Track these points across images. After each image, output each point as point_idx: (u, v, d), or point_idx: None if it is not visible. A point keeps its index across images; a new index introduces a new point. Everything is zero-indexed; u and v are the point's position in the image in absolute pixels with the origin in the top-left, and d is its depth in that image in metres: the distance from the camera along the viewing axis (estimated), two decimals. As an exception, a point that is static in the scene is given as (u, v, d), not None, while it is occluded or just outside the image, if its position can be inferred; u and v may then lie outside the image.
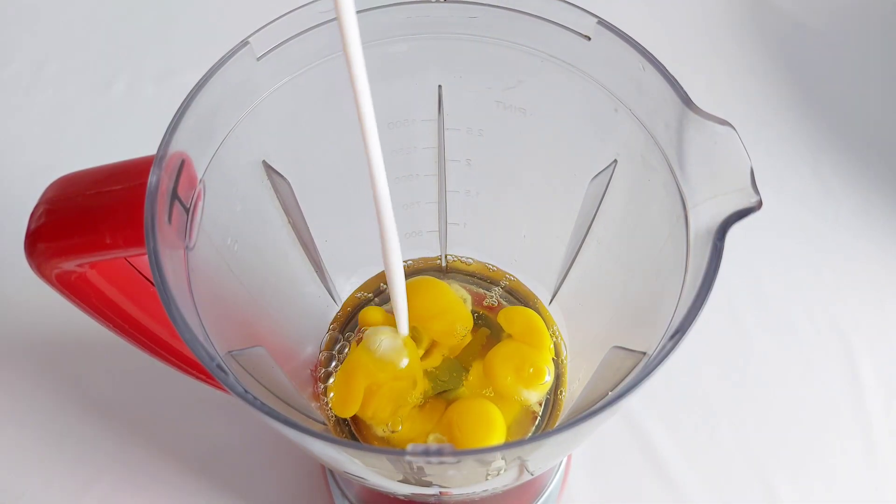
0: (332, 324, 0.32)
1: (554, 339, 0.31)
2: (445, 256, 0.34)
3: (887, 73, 0.53)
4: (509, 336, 0.31)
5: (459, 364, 0.30)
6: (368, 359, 0.28)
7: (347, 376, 0.29)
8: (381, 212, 0.23)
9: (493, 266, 0.34)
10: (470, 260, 0.34)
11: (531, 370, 0.29)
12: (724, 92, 0.52)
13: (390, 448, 0.27)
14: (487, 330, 0.31)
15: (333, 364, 0.30)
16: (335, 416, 0.29)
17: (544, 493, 0.35)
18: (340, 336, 0.32)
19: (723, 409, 0.41)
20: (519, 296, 0.33)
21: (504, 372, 0.29)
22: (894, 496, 0.38)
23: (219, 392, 0.33)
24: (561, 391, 0.30)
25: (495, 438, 0.28)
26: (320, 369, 0.31)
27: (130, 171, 0.23)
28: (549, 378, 0.29)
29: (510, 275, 0.33)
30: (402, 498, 0.27)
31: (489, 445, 0.27)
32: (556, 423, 0.29)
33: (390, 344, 0.28)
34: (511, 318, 0.31)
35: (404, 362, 0.28)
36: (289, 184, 0.28)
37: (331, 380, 0.30)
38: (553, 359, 0.30)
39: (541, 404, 0.30)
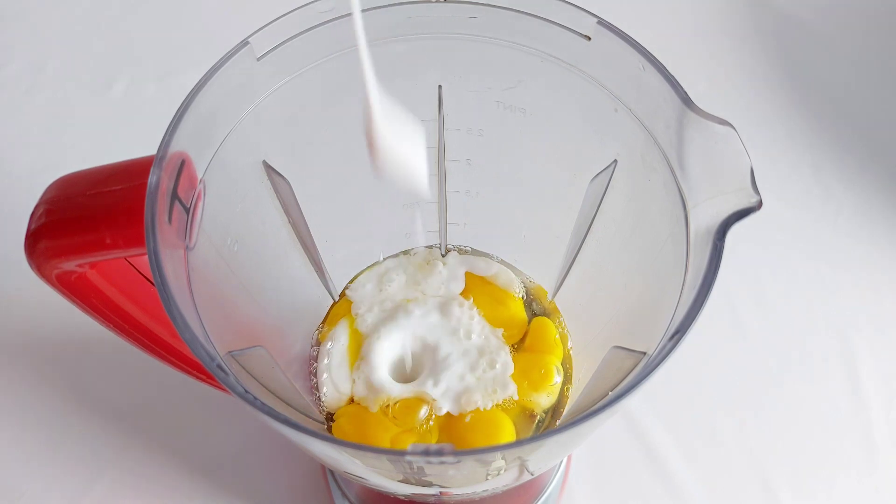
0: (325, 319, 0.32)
1: (560, 329, 0.31)
2: (445, 246, 0.33)
3: (887, 73, 0.53)
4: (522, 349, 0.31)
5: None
6: (386, 419, 0.28)
7: (360, 434, 0.29)
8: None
9: (491, 255, 0.33)
10: (468, 249, 0.34)
11: (542, 371, 0.29)
12: (724, 92, 0.52)
13: (390, 448, 0.27)
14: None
15: (325, 361, 0.30)
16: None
17: (544, 493, 0.35)
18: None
19: (723, 409, 0.41)
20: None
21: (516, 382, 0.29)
22: (895, 496, 0.38)
23: (219, 392, 0.33)
24: (567, 388, 0.30)
25: (505, 440, 0.28)
26: (313, 364, 0.31)
27: (130, 171, 0.23)
28: (558, 379, 0.29)
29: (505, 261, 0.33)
30: (402, 498, 0.27)
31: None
32: (560, 419, 0.29)
33: (414, 406, 0.28)
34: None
35: (424, 412, 0.28)
36: (289, 184, 0.28)
37: (325, 375, 0.30)
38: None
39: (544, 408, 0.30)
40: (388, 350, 0.30)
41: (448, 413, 0.28)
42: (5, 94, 0.52)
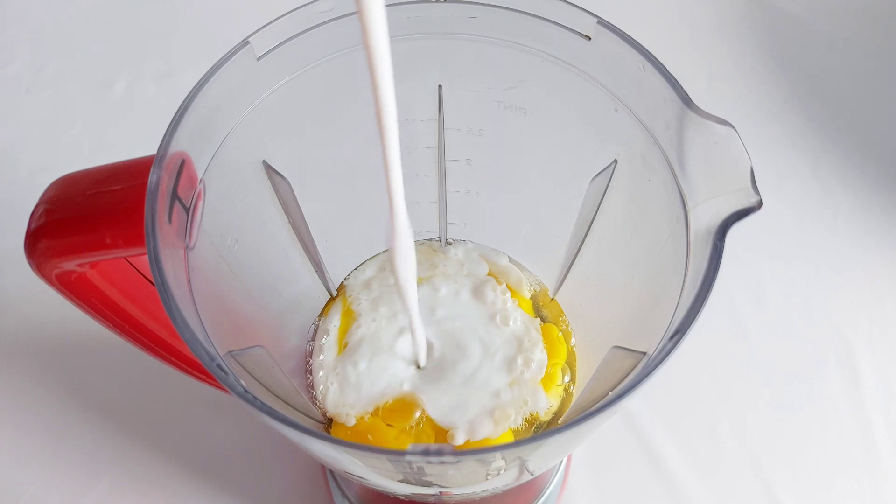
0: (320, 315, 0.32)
1: (563, 326, 0.31)
2: (445, 241, 0.33)
3: (887, 73, 0.53)
4: None
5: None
6: (383, 425, 0.28)
7: (358, 433, 0.28)
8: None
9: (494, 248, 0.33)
10: (470, 244, 0.33)
11: (548, 372, 0.29)
12: (724, 92, 0.52)
13: (390, 448, 0.27)
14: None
15: (320, 357, 0.30)
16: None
17: (544, 493, 0.35)
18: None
19: (723, 409, 0.41)
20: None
21: None
22: (894, 497, 0.38)
23: (219, 392, 0.33)
24: (570, 385, 0.30)
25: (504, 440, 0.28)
26: (309, 361, 0.30)
27: (130, 171, 0.23)
28: (566, 379, 0.29)
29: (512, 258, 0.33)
30: (402, 498, 0.27)
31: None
32: (562, 417, 0.29)
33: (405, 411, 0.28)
34: None
35: (417, 414, 0.28)
36: (289, 184, 0.28)
37: (320, 373, 0.30)
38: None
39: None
40: (389, 334, 0.29)
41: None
42: (5, 94, 0.52)
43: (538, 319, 0.30)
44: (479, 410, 0.27)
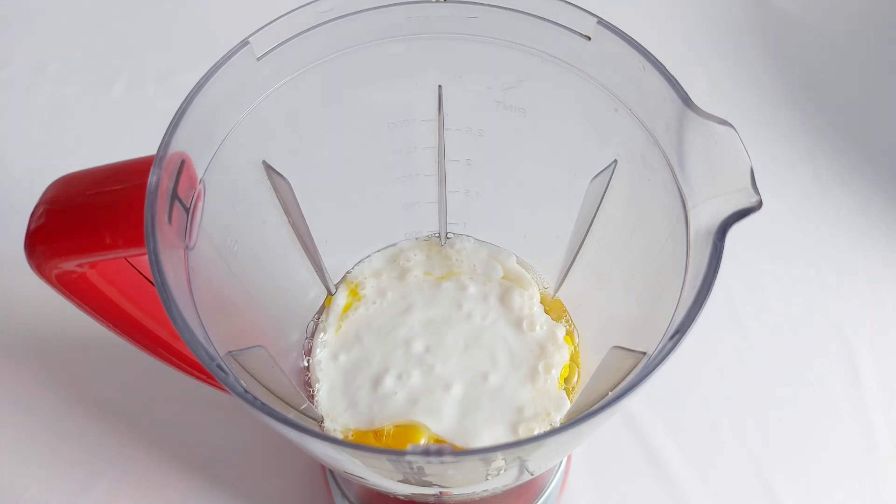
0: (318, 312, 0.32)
1: (567, 325, 0.31)
2: (446, 235, 0.33)
3: (887, 73, 0.53)
4: None
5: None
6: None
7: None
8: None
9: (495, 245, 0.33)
10: (473, 240, 0.33)
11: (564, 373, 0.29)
12: (724, 92, 0.52)
13: (390, 448, 0.27)
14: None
15: (318, 354, 0.30)
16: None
17: (544, 493, 0.35)
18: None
19: (722, 409, 0.41)
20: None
21: None
22: (894, 496, 0.38)
23: (219, 392, 0.33)
24: (574, 386, 0.30)
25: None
26: (307, 359, 0.30)
27: (130, 171, 0.23)
28: (575, 380, 0.29)
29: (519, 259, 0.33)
30: (402, 498, 0.27)
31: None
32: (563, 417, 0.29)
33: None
34: None
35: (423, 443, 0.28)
36: (289, 184, 0.28)
37: (317, 372, 0.30)
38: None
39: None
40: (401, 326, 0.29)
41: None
42: (5, 94, 0.52)
43: (563, 322, 0.30)
44: (503, 430, 0.27)
